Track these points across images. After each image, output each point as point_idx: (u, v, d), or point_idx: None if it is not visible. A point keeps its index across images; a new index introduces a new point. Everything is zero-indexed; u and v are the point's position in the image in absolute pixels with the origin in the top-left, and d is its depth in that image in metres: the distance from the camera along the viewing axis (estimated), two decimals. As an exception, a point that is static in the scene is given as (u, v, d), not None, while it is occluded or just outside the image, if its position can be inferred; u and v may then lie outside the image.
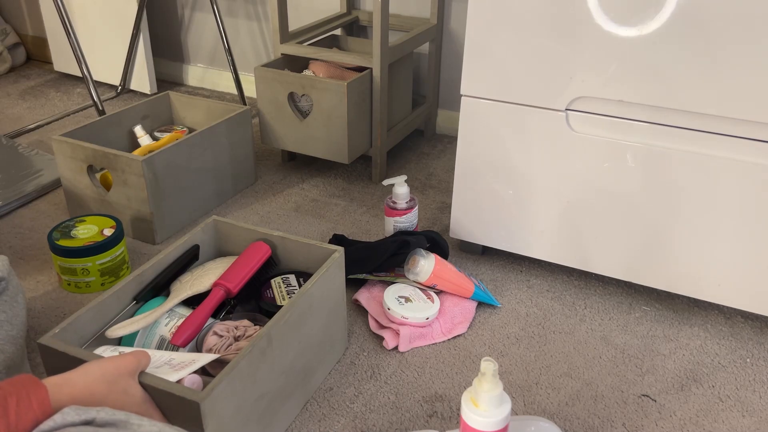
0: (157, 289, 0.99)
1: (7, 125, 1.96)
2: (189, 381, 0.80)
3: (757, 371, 1.06)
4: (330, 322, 1.02)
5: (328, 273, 0.98)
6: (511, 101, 1.14)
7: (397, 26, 1.83)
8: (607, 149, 1.10)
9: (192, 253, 1.06)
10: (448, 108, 1.92)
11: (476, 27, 1.12)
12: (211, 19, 2.18)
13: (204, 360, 0.84)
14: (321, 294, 0.97)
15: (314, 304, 0.95)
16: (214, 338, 0.92)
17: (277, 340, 0.87)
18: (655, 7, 0.97)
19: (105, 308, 0.91)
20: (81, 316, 0.87)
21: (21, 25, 2.52)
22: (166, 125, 1.66)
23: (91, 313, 0.89)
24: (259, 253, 1.04)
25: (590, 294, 1.24)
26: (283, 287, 1.04)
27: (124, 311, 0.94)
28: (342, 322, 1.07)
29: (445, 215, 1.50)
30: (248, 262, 1.02)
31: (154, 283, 0.98)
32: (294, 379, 0.94)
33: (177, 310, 0.97)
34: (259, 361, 0.84)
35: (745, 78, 0.96)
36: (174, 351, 0.90)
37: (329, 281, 0.99)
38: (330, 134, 1.54)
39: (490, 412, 0.76)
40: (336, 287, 1.02)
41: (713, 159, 1.03)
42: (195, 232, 1.07)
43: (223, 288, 0.98)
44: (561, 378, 1.05)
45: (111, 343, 0.93)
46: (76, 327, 0.87)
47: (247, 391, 0.82)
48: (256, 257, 1.03)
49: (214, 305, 0.96)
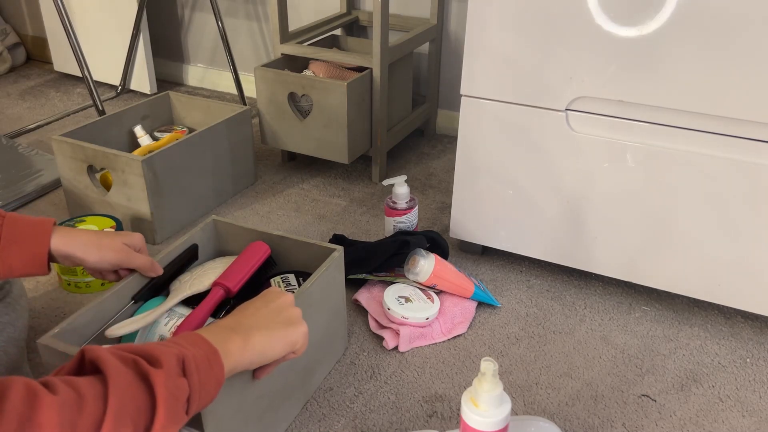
0: (156, 289, 0.99)
1: (7, 125, 1.96)
2: None
3: (757, 371, 1.06)
4: (330, 321, 1.02)
5: (328, 272, 0.98)
6: (511, 101, 1.14)
7: (397, 26, 1.83)
8: (607, 149, 1.10)
9: (191, 252, 1.06)
10: (448, 108, 1.92)
11: (476, 27, 1.12)
12: (211, 19, 2.18)
13: None
14: (320, 293, 0.97)
15: (314, 303, 0.95)
16: None
17: None
18: (655, 7, 0.97)
19: (104, 308, 0.91)
20: (80, 315, 0.87)
21: (21, 25, 2.52)
22: (166, 125, 1.66)
23: (90, 313, 0.89)
24: (258, 252, 1.04)
25: (590, 294, 1.24)
26: (282, 287, 1.04)
27: (123, 311, 0.93)
28: (342, 321, 1.07)
29: (445, 215, 1.50)
30: (247, 262, 1.02)
31: (153, 282, 0.98)
32: (294, 379, 0.94)
33: (176, 310, 0.97)
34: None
35: (745, 78, 0.96)
36: None
37: (329, 281, 0.99)
38: (330, 134, 1.54)
39: (490, 412, 0.76)
40: (336, 287, 1.02)
41: (713, 159, 1.03)
42: (194, 232, 1.07)
43: (222, 287, 0.98)
44: (561, 378, 1.05)
45: (110, 342, 0.93)
46: (75, 327, 0.86)
47: (246, 390, 0.82)
48: (255, 257, 1.03)
49: (214, 305, 0.96)
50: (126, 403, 0.50)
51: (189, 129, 1.64)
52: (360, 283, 1.24)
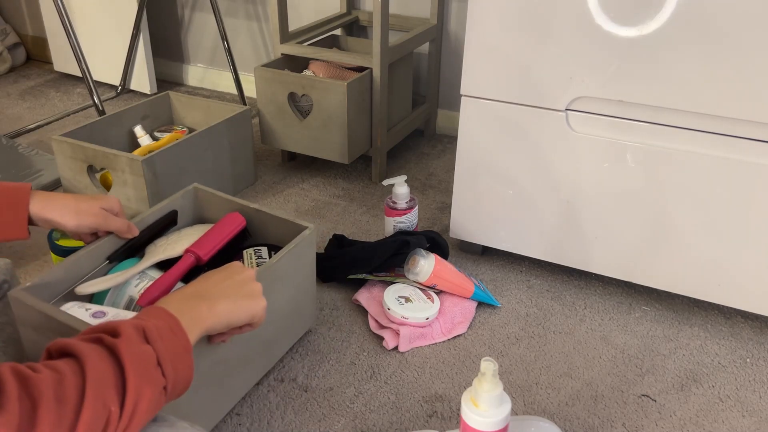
0: (131, 251, 1.01)
1: (7, 125, 1.96)
2: None
3: (757, 371, 1.06)
4: (297, 296, 1.04)
5: (297, 249, 1.00)
6: (511, 101, 1.14)
7: (397, 26, 1.83)
8: (607, 149, 1.10)
9: (170, 218, 1.08)
10: (448, 108, 1.92)
11: (476, 27, 1.12)
12: (211, 19, 2.18)
13: None
14: (287, 268, 0.99)
15: (280, 277, 0.98)
16: None
17: None
18: (656, 7, 0.97)
19: (78, 266, 0.94)
20: (53, 272, 0.90)
21: (21, 25, 2.52)
22: (166, 125, 1.66)
23: (62, 270, 0.91)
24: (233, 223, 1.06)
25: (590, 294, 1.24)
26: (254, 258, 1.06)
27: (96, 270, 0.95)
28: (311, 298, 1.09)
29: (445, 215, 1.50)
30: (221, 232, 1.05)
31: (129, 244, 1.00)
32: (255, 348, 0.97)
33: (148, 273, 0.99)
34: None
35: (745, 78, 0.96)
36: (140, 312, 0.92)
37: (297, 257, 1.01)
38: (330, 134, 1.54)
39: (490, 412, 0.76)
40: (305, 263, 1.04)
41: (713, 159, 1.03)
42: (175, 198, 1.10)
43: (194, 255, 1.00)
44: (561, 378, 1.05)
45: (81, 300, 0.95)
46: (47, 282, 0.89)
47: (203, 355, 0.85)
48: (229, 227, 1.06)
49: (184, 270, 0.98)
50: (101, 373, 0.54)
51: (189, 129, 1.64)
52: (360, 283, 1.24)
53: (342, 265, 1.22)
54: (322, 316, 1.17)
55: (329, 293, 1.23)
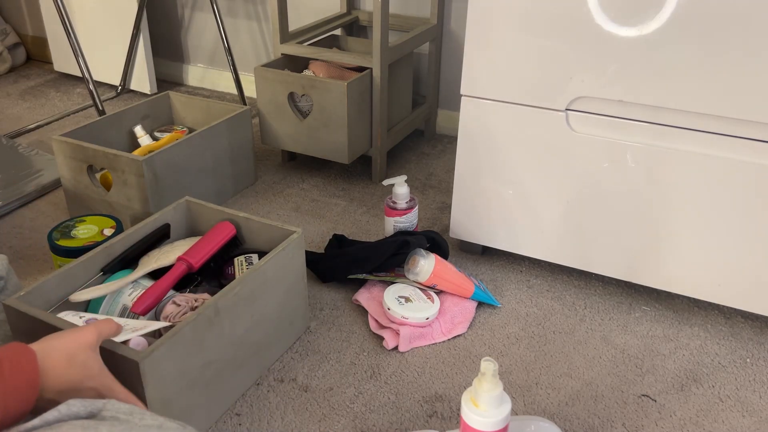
0: (125, 263, 1.04)
1: (7, 125, 1.96)
2: (134, 343, 0.85)
3: (757, 371, 1.06)
4: (287, 300, 1.06)
5: (285, 252, 1.02)
6: (511, 101, 1.14)
7: (397, 26, 1.83)
8: (607, 149, 1.10)
9: (162, 231, 1.10)
10: (448, 108, 1.92)
11: (476, 27, 1.12)
12: (211, 19, 2.18)
13: (155, 325, 0.87)
14: (276, 272, 1.01)
15: (268, 281, 0.99)
16: (171, 307, 0.96)
17: (227, 312, 0.92)
18: (655, 7, 0.97)
19: (72, 276, 0.95)
20: (48, 281, 0.91)
21: (21, 25, 2.52)
22: (166, 125, 1.66)
23: (57, 280, 0.92)
24: (223, 232, 1.10)
25: (590, 294, 1.24)
26: (244, 265, 1.09)
27: (91, 281, 0.98)
28: (302, 301, 1.10)
29: (445, 215, 1.50)
30: (212, 240, 1.08)
31: (122, 256, 1.03)
32: (246, 352, 0.98)
33: (141, 282, 1.01)
34: (205, 329, 0.88)
35: (745, 78, 0.96)
36: (134, 319, 0.94)
37: (286, 260, 1.03)
38: (330, 134, 1.54)
39: (490, 412, 0.76)
40: (295, 267, 1.06)
41: (713, 159, 1.03)
42: (166, 210, 1.12)
43: (185, 263, 1.03)
44: (561, 378, 1.05)
45: (76, 308, 0.96)
46: (42, 291, 0.90)
47: (192, 356, 0.86)
48: (220, 236, 1.09)
49: (176, 278, 1.01)
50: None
51: (189, 129, 1.64)
52: (360, 283, 1.24)
53: (342, 265, 1.22)
54: (322, 316, 1.17)
55: (329, 293, 1.23)
